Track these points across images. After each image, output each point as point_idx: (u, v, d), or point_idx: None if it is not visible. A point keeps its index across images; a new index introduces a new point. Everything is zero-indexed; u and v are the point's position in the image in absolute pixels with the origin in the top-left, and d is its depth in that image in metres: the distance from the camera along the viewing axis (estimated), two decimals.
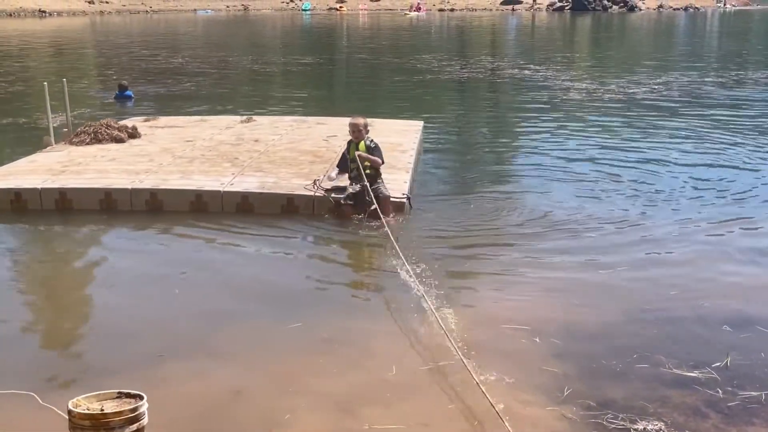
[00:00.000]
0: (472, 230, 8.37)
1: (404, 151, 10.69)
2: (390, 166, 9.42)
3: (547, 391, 4.97)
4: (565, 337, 5.74)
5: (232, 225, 8.25)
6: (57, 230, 8.35)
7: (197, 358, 5.46)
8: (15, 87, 21.53)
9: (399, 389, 5.00)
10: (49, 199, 8.78)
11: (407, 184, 9.09)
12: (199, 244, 7.89)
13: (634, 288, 6.76)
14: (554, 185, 10.36)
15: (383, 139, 11.20)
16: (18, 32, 46.43)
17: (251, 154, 10.40)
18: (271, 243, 7.86)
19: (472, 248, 7.80)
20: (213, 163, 9.84)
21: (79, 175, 9.33)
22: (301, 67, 28.16)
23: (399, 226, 8.22)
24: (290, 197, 8.54)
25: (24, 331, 6.04)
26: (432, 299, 6.41)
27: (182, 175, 9.22)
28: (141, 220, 8.48)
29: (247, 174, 9.30)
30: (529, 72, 25.22)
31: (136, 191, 8.74)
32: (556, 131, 14.77)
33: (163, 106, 17.52)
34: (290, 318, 6.15)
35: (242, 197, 8.58)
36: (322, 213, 8.42)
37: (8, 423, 4.57)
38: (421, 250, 7.61)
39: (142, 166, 9.67)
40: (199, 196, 8.63)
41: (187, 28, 54.10)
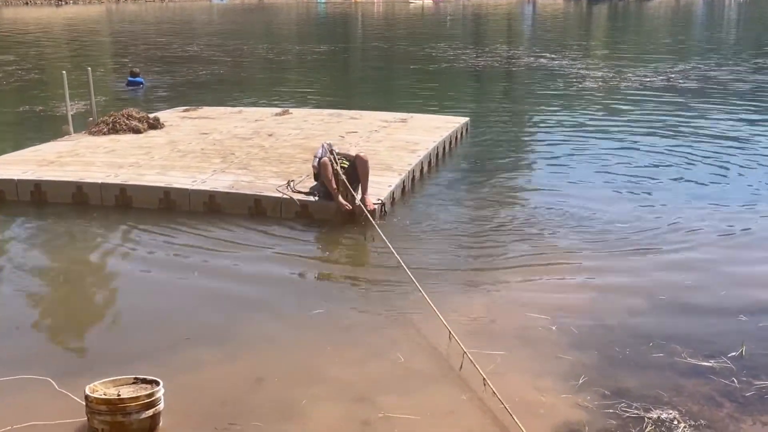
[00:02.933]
0: (486, 221, 8.33)
1: (413, 152, 10.23)
2: (386, 167, 9.27)
3: (562, 379, 4.96)
4: (581, 326, 5.73)
5: (198, 225, 7.97)
6: (33, 223, 8.34)
7: (214, 346, 5.47)
8: (32, 75, 21.64)
9: (415, 379, 5.00)
10: (25, 191, 8.76)
11: (390, 188, 8.56)
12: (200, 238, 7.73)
13: (650, 277, 6.73)
14: (570, 175, 10.32)
15: (402, 137, 11.16)
16: (34, 21, 46.60)
17: (251, 149, 10.19)
18: (272, 240, 7.66)
19: (487, 239, 7.78)
20: (204, 159, 9.63)
21: (63, 167, 9.26)
22: (332, 57, 28.14)
23: (408, 221, 8.17)
24: (257, 198, 8.20)
25: (38, 319, 6.08)
26: (446, 289, 6.43)
27: (161, 171, 9.01)
28: (126, 215, 8.30)
29: (229, 171, 9.02)
30: (545, 61, 25.10)
31: (105, 186, 8.58)
32: (572, 121, 14.71)
33: (179, 95, 17.58)
34: (309, 307, 6.18)
35: (209, 197, 8.29)
36: (289, 216, 8.05)
37: (25, 408, 4.60)
38: (432, 243, 7.61)
39: (131, 159, 9.52)
40: (167, 193, 8.40)
41: (202, 17, 54.14)
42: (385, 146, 10.48)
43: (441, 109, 15.28)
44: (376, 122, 12.27)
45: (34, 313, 6.19)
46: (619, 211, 8.55)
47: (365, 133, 11.32)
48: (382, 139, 10.96)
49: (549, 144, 12.58)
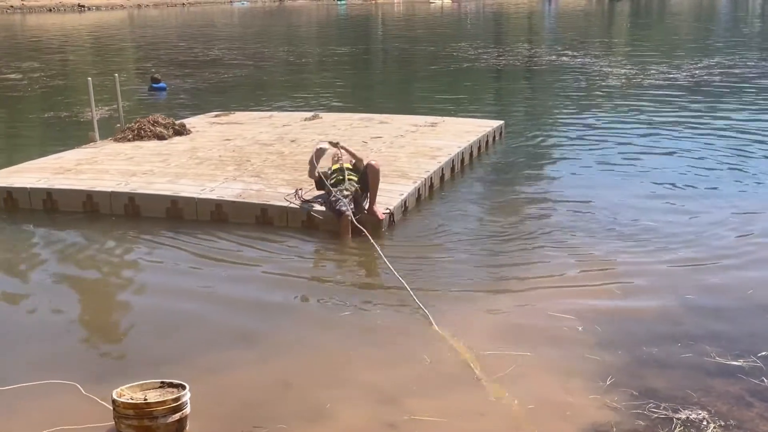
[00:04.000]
0: (508, 225, 8.26)
1: (434, 158, 9.96)
2: (401, 174, 9.09)
3: (589, 379, 4.93)
4: (608, 326, 5.69)
5: (206, 234, 7.87)
6: (48, 231, 8.30)
7: (239, 350, 5.49)
8: (56, 81, 21.84)
9: (442, 381, 4.99)
10: (37, 200, 8.78)
11: (401, 197, 8.31)
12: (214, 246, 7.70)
13: (677, 276, 6.67)
14: (596, 179, 10.21)
15: (426, 142, 10.89)
16: (58, 27, 47.04)
17: (269, 156, 10.05)
18: (281, 249, 7.60)
19: (508, 242, 7.72)
20: (218, 166, 9.54)
21: (77, 175, 9.27)
22: (358, 59, 28.18)
23: (421, 228, 8.10)
24: (264, 207, 8.06)
25: (62, 325, 6.09)
26: (471, 290, 6.41)
27: (173, 179, 8.94)
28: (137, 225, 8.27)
29: (240, 179, 8.90)
30: (567, 58, 24.96)
31: (115, 194, 8.54)
32: (595, 118, 14.61)
33: (206, 101, 17.66)
34: (333, 311, 6.20)
35: (216, 205, 8.20)
36: (296, 225, 7.91)
37: (52, 412, 4.64)
38: (458, 243, 7.60)
39: (146, 167, 9.48)
40: (174, 202, 8.33)
41: (223, 20, 54.39)
42: (407, 152, 10.28)
43: (475, 112, 15.17)
44: (405, 126, 12.08)
45: (57, 319, 6.20)
46: (644, 212, 8.46)
47: (390, 139, 11.14)
48: (405, 145, 10.75)
49: (577, 146, 12.31)
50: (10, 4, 63.34)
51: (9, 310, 6.38)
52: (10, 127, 15.60)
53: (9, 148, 13.44)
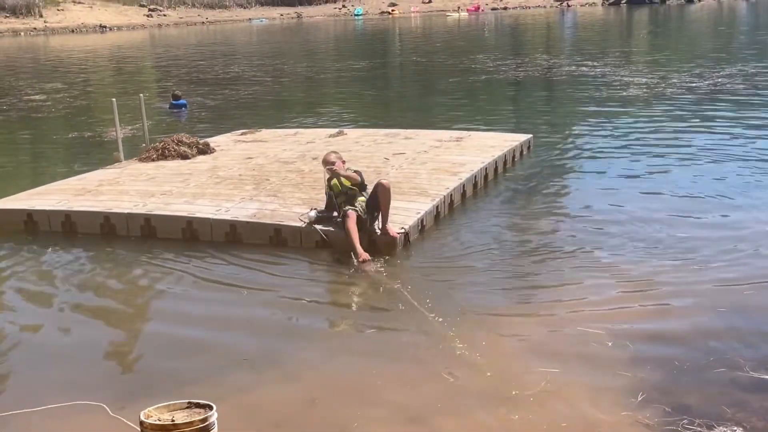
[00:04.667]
0: (531, 240, 8.16)
1: (455, 174, 9.70)
2: (420, 192, 8.92)
3: (621, 395, 4.86)
4: (638, 341, 5.61)
5: (222, 255, 7.80)
6: (67, 254, 8.18)
7: (265, 369, 5.46)
8: (79, 101, 22.05)
9: (469, 399, 4.93)
10: (56, 222, 8.77)
11: (418, 215, 8.13)
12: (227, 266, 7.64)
13: (709, 289, 6.56)
14: (623, 188, 10.08)
15: (449, 158, 10.69)
16: (80, 47, 47.57)
17: (288, 174, 9.95)
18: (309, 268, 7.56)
19: (536, 256, 7.64)
20: (237, 186, 9.47)
21: (97, 196, 9.27)
22: (381, 73, 28.25)
23: (441, 246, 7.99)
24: (278, 228, 7.96)
25: (88, 346, 6.08)
26: (495, 307, 6.35)
27: (190, 199, 8.89)
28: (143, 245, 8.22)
29: (256, 199, 8.81)
30: (587, 68, 24.88)
31: (131, 216, 8.51)
32: (622, 130, 14.46)
33: (230, 118, 17.74)
34: (358, 329, 6.21)
35: (230, 226, 8.12)
36: (310, 246, 7.78)
37: None
38: (479, 261, 7.50)
39: (166, 188, 9.46)
40: (189, 223, 8.27)
41: (242, 37, 54.77)
42: (428, 168, 10.08)
43: (502, 125, 15.02)
44: (429, 142, 11.90)
45: (80, 341, 6.18)
46: (675, 226, 8.31)
47: (412, 155, 10.96)
48: (427, 161, 10.55)
49: (604, 159, 11.99)
50: (33, 26, 64.17)
51: (32, 332, 6.35)
52: (35, 148, 15.75)
53: (34, 169, 13.56)
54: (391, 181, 9.02)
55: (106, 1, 73.06)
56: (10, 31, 62.17)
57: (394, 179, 9.24)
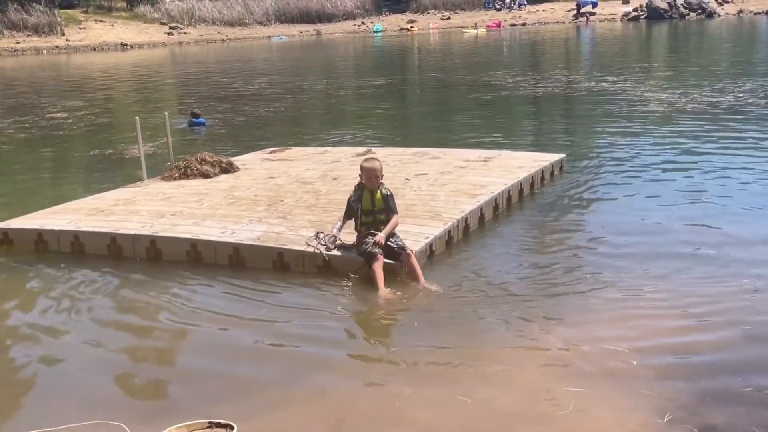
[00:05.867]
0: (555, 261, 8.04)
1: (474, 197, 9.42)
2: (433, 216, 8.61)
3: (648, 415, 4.78)
4: (663, 360, 5.54)
5: (227, 278, 7.73)
6: (75, 274, 8.09)
7: (288, 389, 5.42)
8: (100, 119, 22.21)
9: (499, 418, 4.89)
10: (66, 242, 8.75)
11: (426, 240, 7.90)
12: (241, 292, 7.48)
13: (737, 307, 6.46)
14: (641, 202, 10.03)
15: (472, 179, 10.34)
16: (102, 65, 48.00)
17: (304, 195, 9.82)
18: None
19: (560, 274, 7.56)
20: (249, 207, 9.34)
21: (108, 216, 9.22)
22: (406, 90, 28.30)
23: (478, 249, 7.97)
24: (280, 251, 7.80)
25: (107, 366, 6.04)
26: (521, 326, 6.28)
27: (199, 221, 8.79)
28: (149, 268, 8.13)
29: (264, 221, 8.66)
30: (607, 84, 24.79)
31: (137, 237, 8.44)
32: (638, 144, 14.39)
33: (249, 137, 17.78)
34: (383, 348, 6.17)
35: (234, 249, 8.00)
36: (312, 271, 7.59)
37: None
38: (502, 279, 7.41)
39: (178, 208, 9.41)
40: (194, 245, 8.17)
41: (262, 54, 55.07)
42: (448, 191, 9.79)
43: (535, 145, 14.82)
44: (456, 162, 11.61)
45: (99, 361, 6.13)
46: (699, 239, 8.25)
47: (435, 176, 10.69)
48: (448, 182, 10.25)
49: (635, 178, 11.67)
50: (55, 45, 64.85)
51: (49, 354, 6.30)
52: (56, 166, 15.85)
53: (54, 187, 13.63)
54: (407, 203, 9.01)
55: (127, 19, 73.75)
56: (33, 49, 62.87)
57: (410, 201, 9.19)
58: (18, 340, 6.57)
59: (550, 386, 5.19)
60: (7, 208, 10.62)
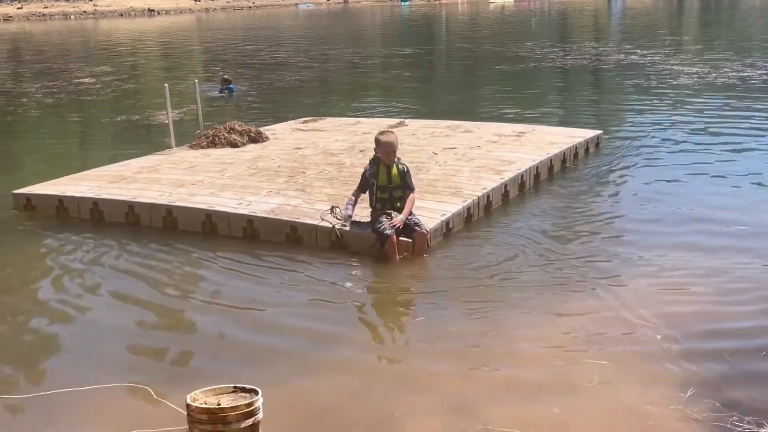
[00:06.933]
0: (583, 231, 8.04)
1: (500, 173, 9.23)
2: (454, 192, 8.45)
3: (670, 390, 4.77)
4: (687, 335, 5.51)
5: (243, 250, 7.62)
6: (95, 241, 8.09)
7: (311, 358, 5.45)
8: (128, 85, 22.30)
9: (517, 390, 4.89)
10: (86, 209, 8.78)
11: (443, 218, 7.72)
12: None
13: (761, 283, 6.41)
14: (674, 181, 9.90)
15: (500, 154, 10.13)
16: (129, 31, 48.09)
17: (327, 167, 9.69)
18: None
19: (583, 250, 7.51)
20: (270, 178, 9.23)
21: (129, 184, 9.21)
22: (439, 61, 28.12)
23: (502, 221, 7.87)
24: (294, 225, 7.69)
25: (130, 331, 6.10)
26: (544, 299, 6.28)
27: (217, 191, 8.70)
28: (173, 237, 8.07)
29: (282, 193, 8.56)
30: (636, 57, 24.49)
31: (154, 206, 8.41)
32: (669, 120, 14.23)
33: (278, 106, 17.76)
34: (405, 319, 6.20)
35: (248, 221, 7.91)
36: (324, 245, 7.48)
37: (125, 415, 4.69)
38: (523, 256, 7.34)
39: (199, 177, 9.35)
40: (209, 216, 8.12)
41: (288, 22, 54.88)
42: (473, 166, 9.57)
43: (574, 119, 14.57)
44: (487, 136, 11.35)
45: (122, 326, 6.16)
46: (734, 220, 8.13)
47: (463, 150, 10.45)
48: (475, 158, 10.03)
49: (671, 154, 11.56)
50: (83, 10, 65.04)
51: (71, 317, 6.37)
52: (84, 132, 15.96)
53: (82, 153, 13.75)
54: (430, 179, 8.92)
55: None
56: (61, 14, 63.12)
57: (432, 177, 9.07)
58: (40, 306, 6.63)
59: (575, 359, 5.19)
60: (34, 173, 10.71)
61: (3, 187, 9.88)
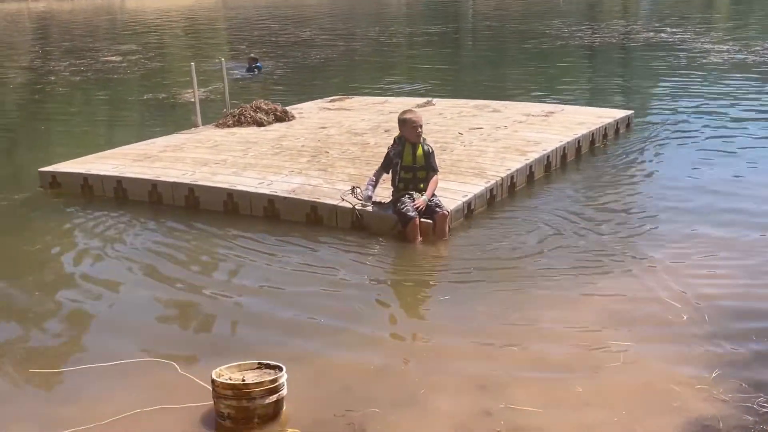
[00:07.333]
0: (609, 211, 7.99)
1: (525, 154, 9.15)
2: (477, 173, 8.36)
3: (695, 370, 4.75)
4: (716, 316, 5.46)
5: (264, 229, 7.65)
6: (119, 219, 8.12)
7: (336, 335, 5.46)
8: (154, 63, 22.37)
9: (541, 369, 4.87)
10: (110, 188, 8.82)
11: (464, 199, 7.66)
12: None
13: None
14: (702, 158, 9.81)
15: (527, 135, 10.00)
16: (155, 10, 48.14)
17: (351, 147, 9.63)
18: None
19: (612, 224, 7.50)
20: (293, 157, 9.22)
21: (153, 162, 9.23)
22: (464, 40, 27.95)
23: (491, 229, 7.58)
24: (314, 205, 7.67)
25: (155, 307, 6.15)
26: (572, 277, 6.25)
27: (239, 170, 8.72)
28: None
29: (304, 173, 8.53)
30: (666, 35, 24.16)
31: (176, 185, 8.43)
32: (699, 100, 14.02)
33: (305, 85, 17.71)
34: (431, 298, 6.21)
35: (269, 201, 7.89)
36: (345, 225, 7.45)
37: (151, 390, 4.73)
38: (548, 231, 7.34)
39: (222, 156, 9.38)
40: (230, 195, 8.13)
41: (313, 1, 54.63)
42: (498, 146, 9.48)
43: (601, 99, 14.39)
44: (515, 116, 11.23)
45: (147, 303, 6.22)
46: (762, 197, 8.08)
47: (489, 130, 10.34)
48: (501, 138, 9.92)
49: (695, 134, 11.35)
50: None
51: (96, 294, 6.41)
52: (111, 110, 16.06)
53: (109, 130, 13.85)
54: (453, 159, 8.85)
55: None
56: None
57: (456, 157, 9.01)
58: (66, 282, 6.68)
59: (600, 338, 5.17)
60: (60, 151, 10.80)
61: (30, 164, 9.97)
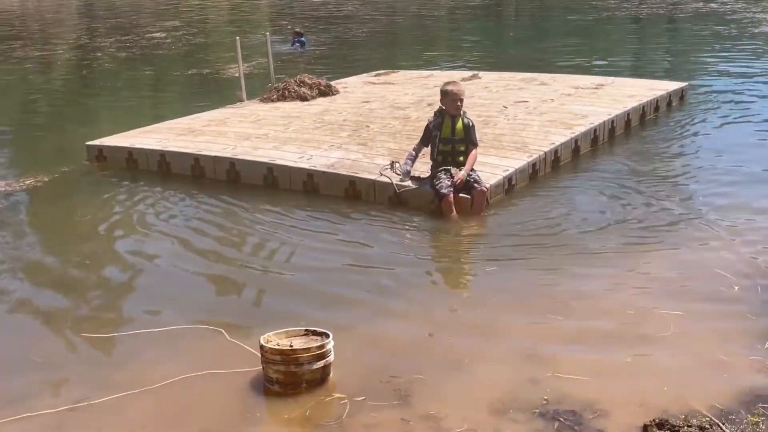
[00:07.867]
0: (661, 182, 7.88)
1: (571, 128, 8.93)
2: (519, 147, 8.20)
3: (747, 341, 4.66)
4: (767, 286, 5.36)
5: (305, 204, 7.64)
6: (163, 193, 8.20)
7: (383, 303, 5.48)
8: (198, 39, 22.50)
9: (588, 339, 4.82)
10: (153, 161, 8.90)
11: (505, 174, 7.50)
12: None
13: None
14: (758, 132, 9.58)
15: (574, 108, 9.77)
16: None
17: (392, 122, 9.52)
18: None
19: (660, 198, 7.37)
20: (333, 131, 9.18)
21: (196, 137, 9.28)
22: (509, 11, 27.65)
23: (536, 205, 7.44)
24: (352, 179, 7.61)
25: (200, 275, 6.21)
26: (616, 248, 6.20)
27: (280, 144, 8.72)
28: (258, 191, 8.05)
29: (344, 147, 8.48)
30: (716, 5, 23.63)
31: (218, 159, 8.47)
32: (751, 69, 13.71)
33: (349, 60, 17.65)
34: (479, 266, 6.17)
35: (308, 175, 7.88)
36: (383, 200, 7.39)
37: (201, 356, 4.78)
38: (593, 205, 7.25)
39: (264, 130, 9.38)
40: (270, 169, 8.12)
41: None
42: (543, 120, 9.28)
43: (656, 71, 14.11)
44: (563, 89, 11.05)
45: (195, 272, 6.27)
46: None
47: (535, 104, 10.16)
48: (547, 111, 9.71)
49: (748, 108, 11.07)
50: None
51: (142, 263, 6.50)
52: (156, 85, 16.21)
53: (155, 105, 13.97)
54: (496, 133, 8.74)
55: None
56: None
57: (499, 131, 8.87)
58: (114, 253, 6.76)
59: (650, 308, 5.09)
60: (107, 126, 10.94)
61: (77, 139, 10.12)
